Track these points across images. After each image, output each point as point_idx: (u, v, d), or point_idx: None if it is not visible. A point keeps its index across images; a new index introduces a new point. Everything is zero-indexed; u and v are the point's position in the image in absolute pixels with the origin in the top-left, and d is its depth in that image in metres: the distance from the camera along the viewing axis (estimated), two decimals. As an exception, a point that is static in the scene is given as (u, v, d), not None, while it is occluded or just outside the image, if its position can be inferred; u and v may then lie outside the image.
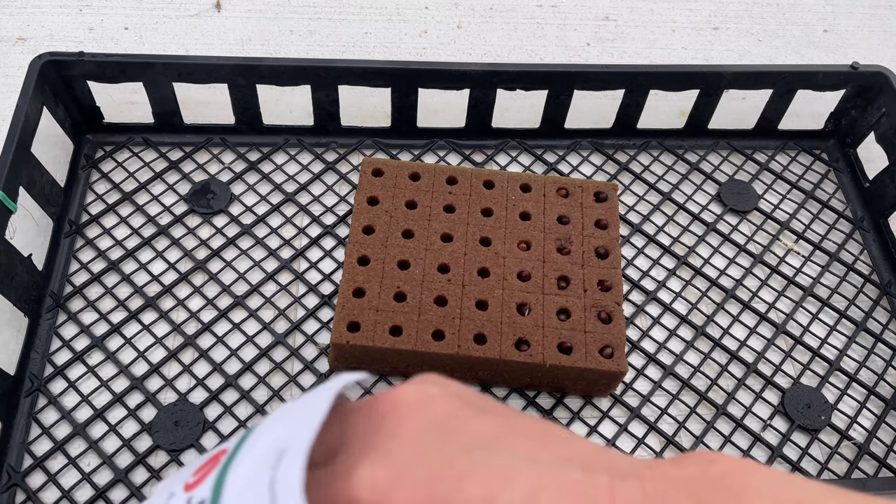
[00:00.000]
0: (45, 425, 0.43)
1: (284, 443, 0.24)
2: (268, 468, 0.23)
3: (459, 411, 0.22)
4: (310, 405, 0.24)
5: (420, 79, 0.51)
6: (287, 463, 0.23)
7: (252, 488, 0.23)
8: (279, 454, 0.23)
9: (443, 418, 0.21)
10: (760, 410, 0.46)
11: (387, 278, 0.44)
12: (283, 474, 0.23)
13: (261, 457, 0.24)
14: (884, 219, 0.54)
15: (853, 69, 0.54)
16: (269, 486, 0.23)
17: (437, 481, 0.20)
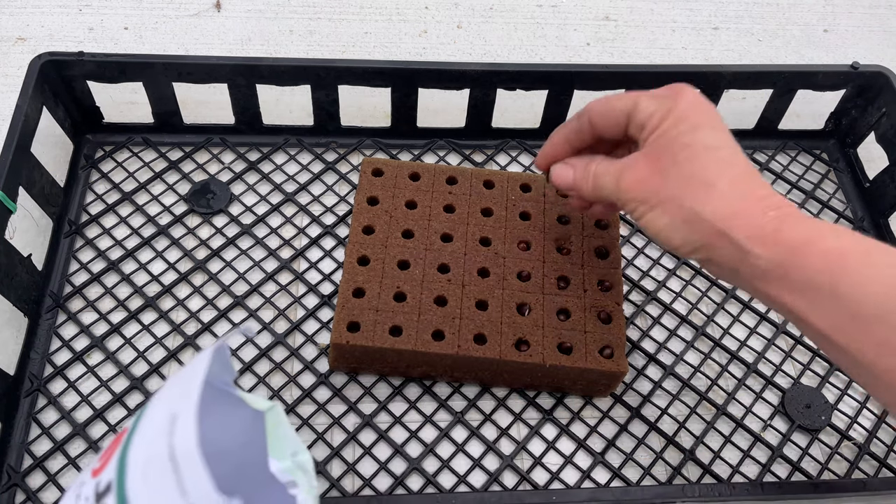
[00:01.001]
0: (45, 425, 0.43)
1: (175, 407, 0.24)
2: (164, 436, 0.23)
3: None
4: (192, 370, 0.25)
5: (420, 79, 0.51)
6: (181, 427, 0.23)
7: (153, 460, 0.23)
8: (172, 420, 0.23)
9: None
10: (760, 410, 0.46)
11: (387, 278, 0.44)
12: (179, 440, 0.23)
13: (156, 427, 0.24)
14: (884, 219, 0.54)
15: (853, 69, 0.54)
16: (169, 453, 0.23)
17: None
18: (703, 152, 0.35)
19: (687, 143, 0.35)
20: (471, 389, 0.45)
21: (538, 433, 0.44)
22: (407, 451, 0.43)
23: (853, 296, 0.30)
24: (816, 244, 0.31)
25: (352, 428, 0.44)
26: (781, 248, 0.32)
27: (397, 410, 0.44)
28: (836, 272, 0.31)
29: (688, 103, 0.36)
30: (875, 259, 0.30)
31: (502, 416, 0.45)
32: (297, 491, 0.26)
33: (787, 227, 0.32)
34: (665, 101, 0.36)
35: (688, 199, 0.34)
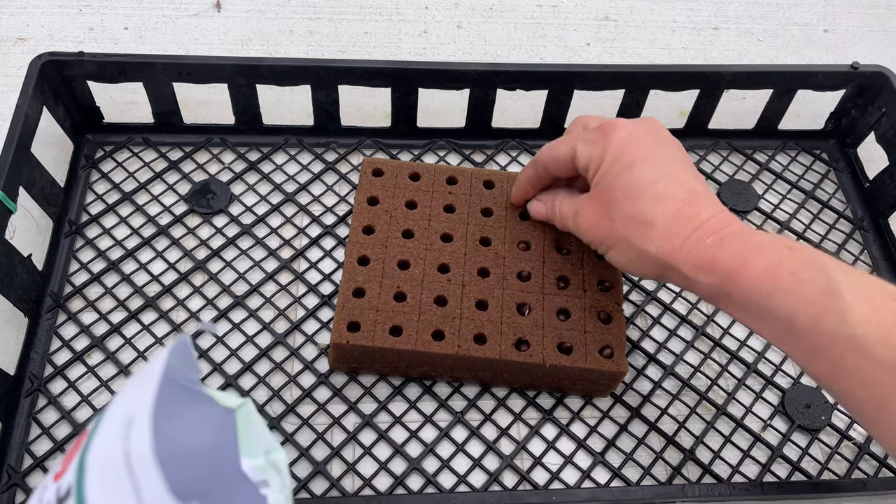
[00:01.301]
0: (45, 425, 0.43)
1: (130, 412, 0.23)
2: (120, 440, 0.23)
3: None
4: (148, 372, 0.24)
5: (420, 79, 0.51)
6: (136, 431, 0.22)
7: (109, 464, 0.23)
8: (128, 424, 0.23)
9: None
10: (760, 410, 0.46)
11: (387, 278, 0.44)
12: (134, 444, 0.22)
13: (112, 430, 0.24)
14: (884, 219, 0.54)
15: (853, 69, 0.54)
16: (125, 458, 0.22)
17: None
18: (640, 191, 0.37)
19: (624, 184, 0.38)
20: (471, 389, 0.45)
21: (538, 433, 0.44)
22: (407, 451, 0.43)
23: (786, 313, 0.33)
24: (749, 268, 0.34)
25: (352, 428, 0.44)
26: (720, 275, 0.35)
27: (397, 410, 0.44)
28: (768, 294, 0.33)
29: (618, 143, 0.38)
30: (802, 276, 0.33)
31: (502, 416, 0.45)
32: (268, 490, 0.25)
33: (723, 253, 0.35)
34: (597, 145, 0.39)
35: (634, 238, 0.37)
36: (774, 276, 0.33)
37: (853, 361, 0.31)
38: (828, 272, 0.32)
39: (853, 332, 0.31)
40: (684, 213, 0.36)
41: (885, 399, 0.31)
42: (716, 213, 0.36)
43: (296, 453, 0.42)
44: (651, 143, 0.38)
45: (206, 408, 0.25)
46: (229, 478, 0.24)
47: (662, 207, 0.36)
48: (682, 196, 0.37)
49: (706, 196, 0.37)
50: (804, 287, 0.32)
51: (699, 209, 0.36)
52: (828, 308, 0.31)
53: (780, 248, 0.34)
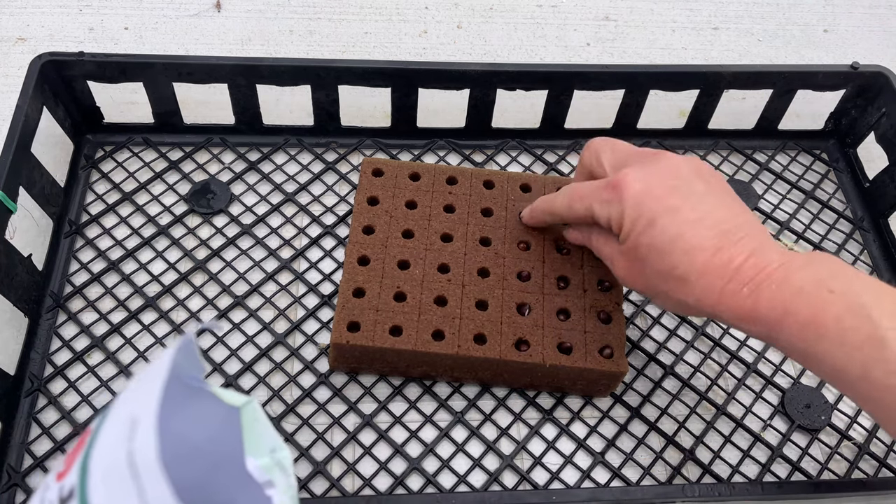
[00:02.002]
0: (45, 425, 0.43)
1: (134, 412, 0.23)
2: (124, 441, 0.23)
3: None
4: (153, 371, 0.24)
5: (420, 79, 0.51)
6: (141, 433, 0.22)
7: (113, 466, 0.23)
8: (132, 425, 0.23)
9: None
10: (760, 410, 0.46)
11: (387, 278, 0.44)
12: (139, 444, 0.22)
13: (116, 431, 0.23)
14: (884, 219, 0.54)
15: (853, 69, 0.54)
16: (128, 460, 0.22)
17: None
18: (668, 246, 0.36)
19: (648, 243, 0.37)
20: (471, 389, 0.45)
21: (538, 433, 0.44)
22: (407, 451, 0.43)
23: (834, 362, 0.32)
24: (792, 317, 0.33)
25: (352, 428, 0.44)
26: (763, 324, 0.34)
27: (397, 410, 0.44)
28: (814, 342, 0.33)
29: (633, 200, 0.37)
30: (847, 324, 0.32)
31: (502, 416, 0.45)
32: (273, 491, 0.25)
33: (763, 303, 0.34)
34: (613, 205, 0.38)
35: (672, 292, 0.37)
36: (819, 324, 0.32)
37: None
38: (873, 318, 0.31)
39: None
40: (716, 262, 0.35)
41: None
42: (749, 254, 0.35)
43: (296, 453, 0.42)
44: (666, 190, 0.37)
45: (211, 406, 0.25)
46: (234, 478, 0.24)
47: (692, 260, 0.35)
48: (710, 244, 0.35)
49: (739, 233, 0.35)
50: (850, 335, 0.32)
51: (731, 255, 0.35)
52: (876, 358, 0.31)
53: (821, 292, 0.33)
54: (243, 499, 0.24)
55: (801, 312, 0.33)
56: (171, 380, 0.24)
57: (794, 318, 0.33)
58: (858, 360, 0.31)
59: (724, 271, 0.35)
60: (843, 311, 0.32)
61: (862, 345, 0.31)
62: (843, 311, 0.32)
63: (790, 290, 0.33)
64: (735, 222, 0.36)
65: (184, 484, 0.22)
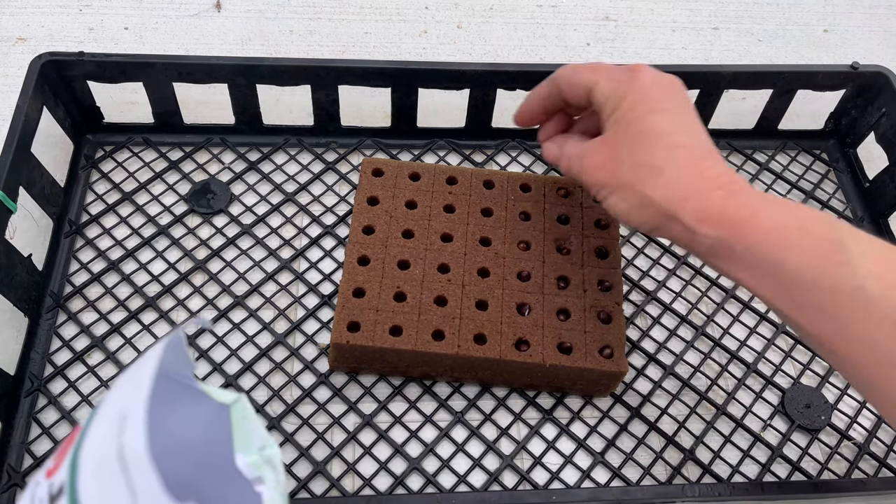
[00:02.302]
0: (45, 425, 0.43)
1: (123, 408, 0.23)
2: (114, 437, 0.23)
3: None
4: (141, 368, 0.24)
5: (420, 79, 0.51)
6: (130, 428, 0.22)
7: (103, 462, 0.23)
8: (122, 420, 0.23)
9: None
10: (760, 410, 0.46)
11: (387, 278, 0.44)
12: (128, 440, 0.22)
13: (106, 427, 0.23)
14: (884, 219, 0.54)
15: (853, 69, 0.54)
16: (118, 455, 0.22)
17: None
18: (656, 138, 0.36)
19: (641, 129, 0.37)
20: (471, 389, 0.45)
21: (538, 433, 0.44)
22: (407, 450, 0.43)
23: (789, 266, 0.33)
24: (758, 220, 0.34)
25: (352, 428, 0.44)
26: (726, 227, 0.34)
27: (397, 410, 0.44)
28: (773, 246, 0.33)
29: (642, 87, 0.37)
30: (811, 230, 0.33)
31: (502, 416, 0.45)
32: (263, 487, 0.25)
33: (733, 206, 0.34)
34: (621, 84, 0.38)
35: (640, 184, 0.36)
36: (783, 229, 0.33)
37: (855, 315, 0.31)
38: (837, 228, 0.32)
39: (862, 284, 0.31)
40: (697, 165, 0.36)
41: (887, 354, 0.31)
42: (727, 170, 0.36)
43: (296, 453, 0.42)
44: (676, 96, 0.38)
45: (200, 404, 0.25)
46: (224, 474, 0.24)
47: (675, 156, 0.36)
48: (698, 151, 0.36)
49: (719, 156, 0.37)
50: (812, 241, 0.32)
51: (712, 163, 0.36)
52: (835, 262, 0.31)
53: (788, 206, 0.34)
54: (233, 495, 0.24)
55: (768, 216, 0.34)
56: (159, 376, 0.24)
57: (760, 222, 0.34)
58: (816, 265, 0.32)
59: (703, 175, 0.35)
60: (810, 220, 0.33)
61: (822, 252, 0.32)
62: (809, 221, 0.33)
63: (763, 200, 0.35)
64: (716, 150, 0.37)
65: (173, 478, 0.22)
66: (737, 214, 0.34)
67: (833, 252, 0.32)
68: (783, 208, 0.34)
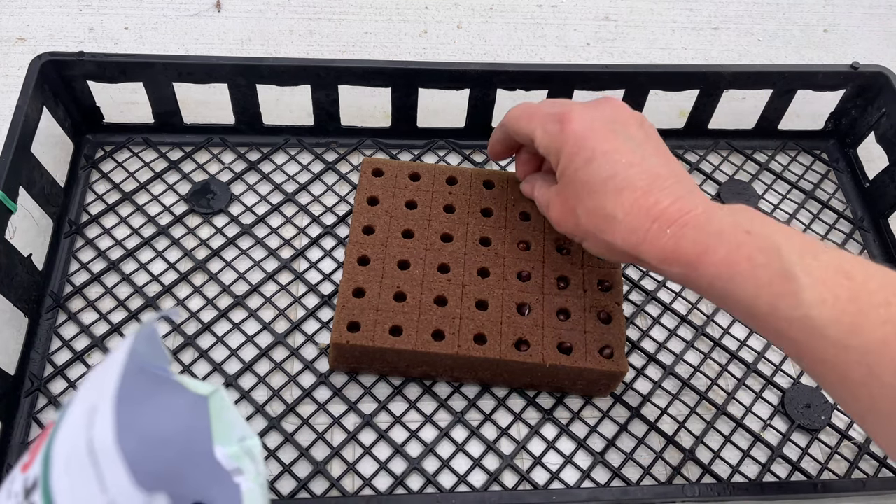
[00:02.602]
0: (44, 425, 0.43)
1: (93, 400, 0.23)
2: (83, 429, 0.22)
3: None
4: (112, 360, 0.24)
5: (420, 79, 0.51)
6: (99, 419, 0.22)
7: (74, 454, 0.22)
8: (91, 412, 0.22)
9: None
10: (760, 410, 0.46)
11: (387, 278, 0.44)
12: (97, 432, 0.22)
13: (76, 420, 0.23)
14: (884, 219, 0.54)
15: (853, 69, 0.54)
16: (87, 447, 0.22)
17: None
18: (600, 186, 0.37)
19: (584, 179, 0.38)
20: (471, 389, 0.45)
21: (538, 433, 0.44)
22: (407, 450, 0.43)
23: (745, 298, 0.34)
24: (709, 256, 0.34)
25: (352, 428, 0.44)
26: (683, 265, 0.35)
27: (397, 410, 0.44)
28: (728, 280, 0.34)
29: (574, 137, 0.38)
30: (758, 261, 0.33)
31: (502, 416, 0.45)
32: (242, 478, 0.25)
33: (684, 244, 0.35)
34: (555, 138, 0.39)
35: (600, 233, 0.38)
36: (733, 263, 0.33)
37: (810, 343, 0.32)
38: (782, 255, 0.32)
39: (807, 313, 0.31)
40: (643, 203, 0.36)
41: (844, 376, 0.31)
42: (676, 199, 0.36)
43: (296, 453, 0.42)
44: (608, 131, 0.38)
45: (176, 395, 0.24)
46: (202, 466, 0.24)
47: (622, 200, 0.36)
48: (641, 185, 0.36)
49: (669, 179, 0.37)
50: (760, 272, 0.33)
51: (658, 198, 0.36)
52: (783, 292, 0.32)
53: (738, 233, 0.34)
54: (211, 486, 0.24)
55: (718, 251, 0.34)
56: (129, 367, 0.23)
57: (712, 258, 0.34)
58: (767, 295, 0.33)
59: (650, 212, 0.36)
60: (756, 250, 0.33)
61: (771, 281, 0.32)
62: (755, 251, 0.33)
63: (710, 231, 0.35)
64: (668, 169, 0.37)
65: (143, 471, 0.22)
66: (689, 253, 0.35)
67: (781, 283, 0.32)
68: (732, 238, 0.34)
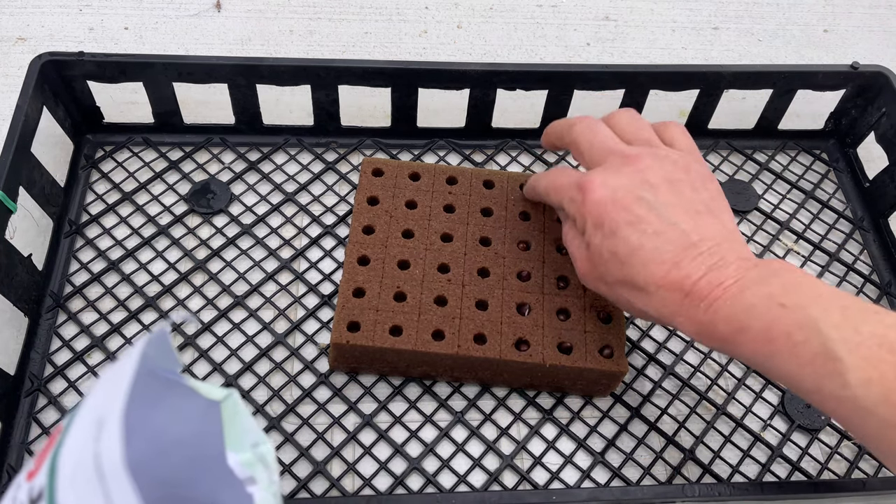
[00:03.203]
0: (45, 425, 0.43)
1: (101, 411, 0.22)
2: (91, 441, 0.22)
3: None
4: (121, 367, 0.23)
5: (420, 79, 0.51)
6: (107, 434, 0.21)
7: (80, 467, 0.22)
8: (99, 425, 0.22)
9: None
10: (760, 410, 0.46)
11: (387, 278, 0.44)
12: (104, 446, 0.21)
13: (84, 432, 0.22)
14: (884, 219, 0.54)
15: (853, 69, 0.54)
16: (95, 462, 0.21)
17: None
18: (627, 258, 0.36)
19: (610, 250, 0.37)
20: (471, 389, 0.45)
21: (538, 433, 0.44)
22: (407, 450, 0.43)
23: (788, 375, 0.33)
24: (745, 334, 0.34)
25: (352, 428, 0.44)
26: (719, 341, 0.35)
27: (397, 410, 0.44)
28: (768, 357, 0.33)
29: (597, 208, 0.37)
30: (797, 338, 0.32)
31: (502, 416, 0.45)
32: (255, 488, 0.24)
33: (718, 320, 0.34)
34: (579, 208, 0.38)
35: (631, 300, 0.37)
36: (771, 340, 0.33)
37: (859, 420, 0.31)
38: (821, 331, 0.31)
39: (854, 394, 0.30)
40: (674, 277, 0.35)
41: (894, 451, 0.31)
42: (707, 270, 0.35)
43: (296, 453, 0.42)
44: (632, 200, 0.37)
45: (187, 400, 0.24)
46: (213, 472, 0.23)
47: (651, 272, 0.35)
48: (669, 258, 0.35)
49: (700, 247, 0.35)
50: (801, 349, 0.32)
51: (689, 271, 0.35)
52: (827, 372, 0.31)
53: (772, 307, 0.33)
54: (224, 495, 0.23)
55: (753, 328, 0.33)
56: (139, 376, 0.22)
57: (748, 335, 0.33)
58: (810, 374, 0.32)
59: (682, 286, 0.35)
60: (793, 326, 0.32)
61: (813, 359, 0.32)
62: (793, 327, 0.32)
63: (743, 306, 0.34)
64: (700, 235, 0.36)
65: (154, 483, 0.21)
66: (724, 330, 0.34)
67: (823, 362, 0.31)
68: (767, 313, 0.33)
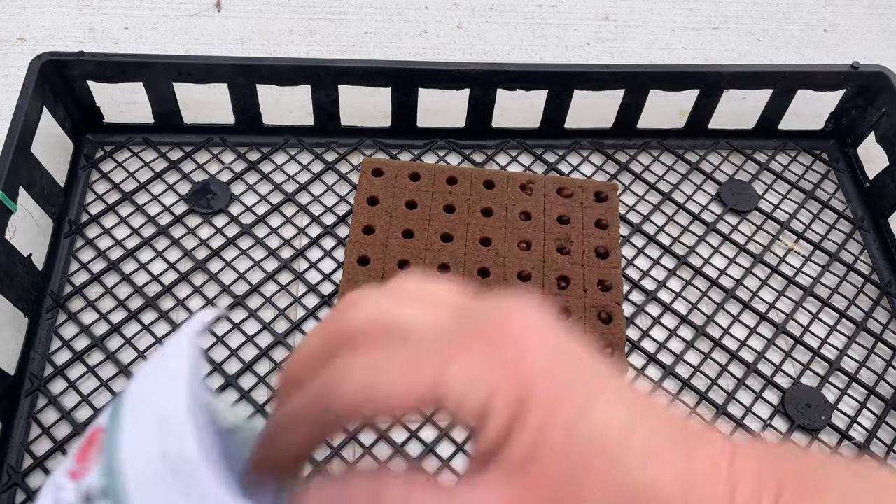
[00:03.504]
0: (45, 425, 0.43)
1: (160, 408, 0.22)
2: (155, 439, 0.22)
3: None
4: (168, 366, 0.23)
5: (420, 79, 0.51)
6: (174, 431, 0.21)
7: (149, 465, 0.22)
8: (161, 422, 0.22)
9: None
10: (760, 410, 0.46)
11: (387, 278, 0.44)
12: (172, 444, 0.21)
13: (144, 430, 0.22)
14: (884, 219, 0.54)
15: (853, 69, 0.54)
16: (165, 460, 0.21)
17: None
18: (616, 447, 0.21)
19: (587, 438, 0.20)
20: (471, 389, 0.45)
21: (538, 433, 0.44)
22: (407, 450, 0.43)
23: None
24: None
25: (352, 428, 0.44)
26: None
27: (397, 410, 0.44)
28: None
29: (547, 377, 0.21)
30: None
31: (502, 416, 0.45)
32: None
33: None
34: (502, 387, 0.20)
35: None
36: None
37: None
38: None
39: None
40: (701, 465, 0.21)
41: None
42: (729, 446, 0.22)
43: (296, 453, 0.42)
44: (583, 353, 0.23)
45: (221, 412, 0.25)
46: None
47: (664, 466, 0.21)
48: (683, 438, 0.22)
49: (691, 419, 0.22)
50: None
51: (713, 452, 0.22)
52: None
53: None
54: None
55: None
56: (193, 374, 0.23)
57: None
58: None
59: (719, 475, 0.22)
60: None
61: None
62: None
63: None
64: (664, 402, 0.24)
65: (230, 481, 0.22)
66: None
67: None
68: None
